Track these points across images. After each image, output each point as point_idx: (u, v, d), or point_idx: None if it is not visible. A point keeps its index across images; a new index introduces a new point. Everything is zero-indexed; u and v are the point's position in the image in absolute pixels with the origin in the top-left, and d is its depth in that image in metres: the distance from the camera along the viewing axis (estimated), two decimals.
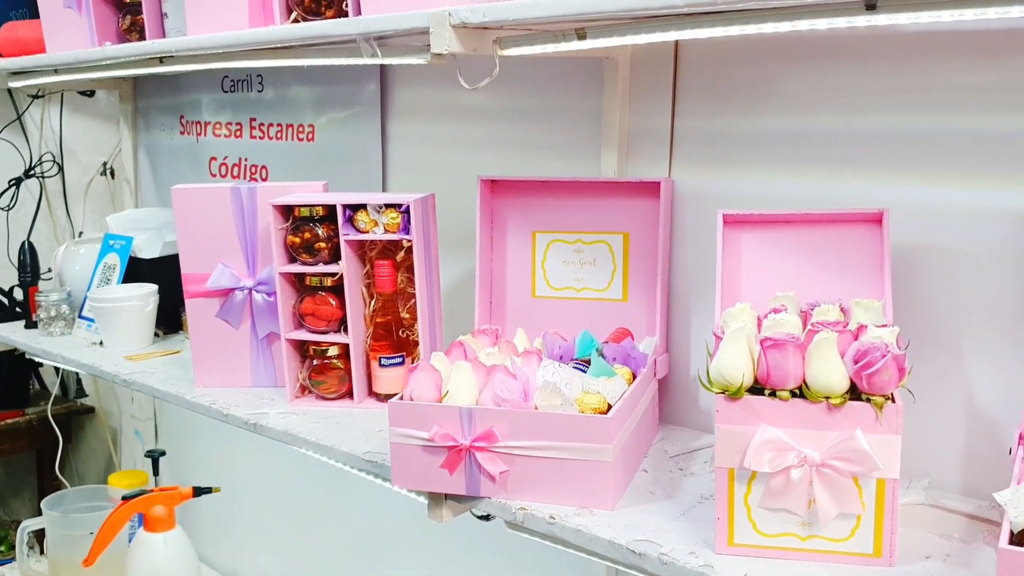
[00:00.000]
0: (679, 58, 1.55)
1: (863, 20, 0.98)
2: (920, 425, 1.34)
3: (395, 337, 1.69)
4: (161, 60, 1.85)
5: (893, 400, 1.07)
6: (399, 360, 1.67)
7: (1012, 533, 0.93)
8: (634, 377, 1.44)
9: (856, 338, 1.12)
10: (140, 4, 1.91)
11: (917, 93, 1.31)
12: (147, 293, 2.16)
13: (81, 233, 2.80)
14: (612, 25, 1.20)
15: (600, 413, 1.29)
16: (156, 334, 2.22)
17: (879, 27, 1.31)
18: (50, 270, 2.47)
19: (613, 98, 1.61)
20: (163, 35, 1.91)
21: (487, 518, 1.38)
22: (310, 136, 2.20)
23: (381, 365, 1.68)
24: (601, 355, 1.48)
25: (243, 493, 2.60)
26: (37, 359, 2.34)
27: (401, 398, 1.34)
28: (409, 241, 1.62)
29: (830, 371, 1.07)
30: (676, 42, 1.54)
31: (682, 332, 1.62)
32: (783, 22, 1.03)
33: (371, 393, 1.72)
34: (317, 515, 2.44)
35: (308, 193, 1.74)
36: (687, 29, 1.11)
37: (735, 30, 1.08)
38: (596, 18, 1.15)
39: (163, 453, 2.35)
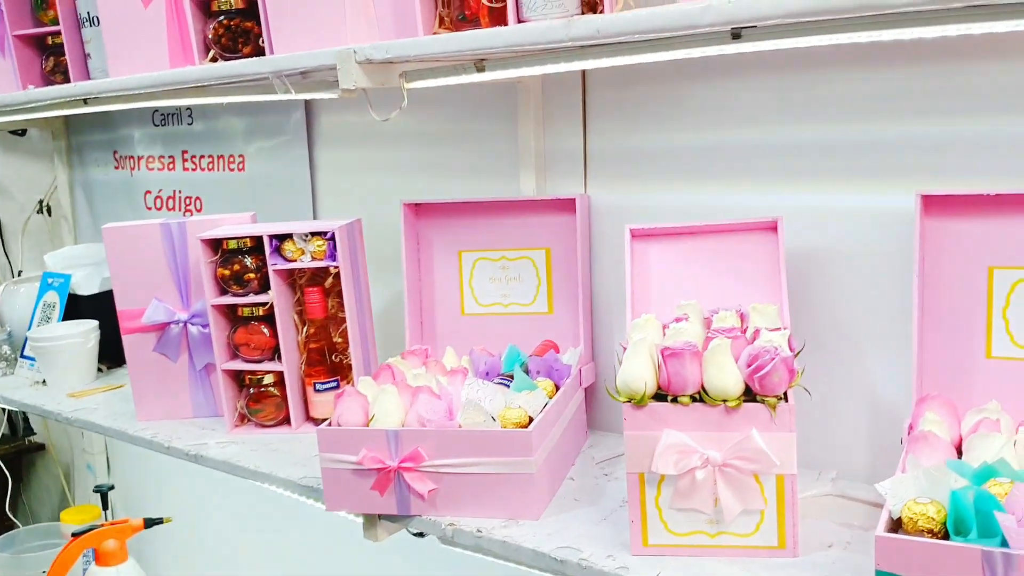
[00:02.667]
0: (587, 81, 1.61)
1: (731, 48, 1.04)
2: (826, 419, 1.42)
3: (329, 362, 1.73)
4: (85, 101, 1.88)
5: (787, 400, 1.14)
6: (334, 384, 1.72)
7: (891, 520, 0.99)
8: (557, 388, 1.49)
9: (751, 343, 1.18)
10: (63, 46, 1.93)
11: (806, 105, 1.38)
12: (87, 330, 2.18)
13: (20, 272, 2.80)
14: (507, 58, 1.25)
15: (522, 427, 1.35)
16: (100, 369, 2.24)
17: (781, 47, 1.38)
18: None
19: (528, 121, 1.66)
20: (87, 76, 1.94)
21: (421, 535, 1.43)
22: (241, 166, 2.24)
23: (316, 390, 1.72)
24: (524, 369, 1.53)
25: (198, 521, 2.62)
26: None
27: (329, 424, 1.38)
28: (337, 267, 1.67)
29: (725, 376, 1.13)
30: None
31: (606, 341, 1.68)
32: (659, 52, 1.09)
33: (309, 418, 1.76)
34: (272, 539, 2.47)
35: (236, 225, 1.78)
36: (575, 61, 1.18)
37: (618, 60, 1.14)
38: (490, 53, 1.20)
39: (112, 487, 2.37)
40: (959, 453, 1.13)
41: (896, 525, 0.99)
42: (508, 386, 1.46)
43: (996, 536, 0.91)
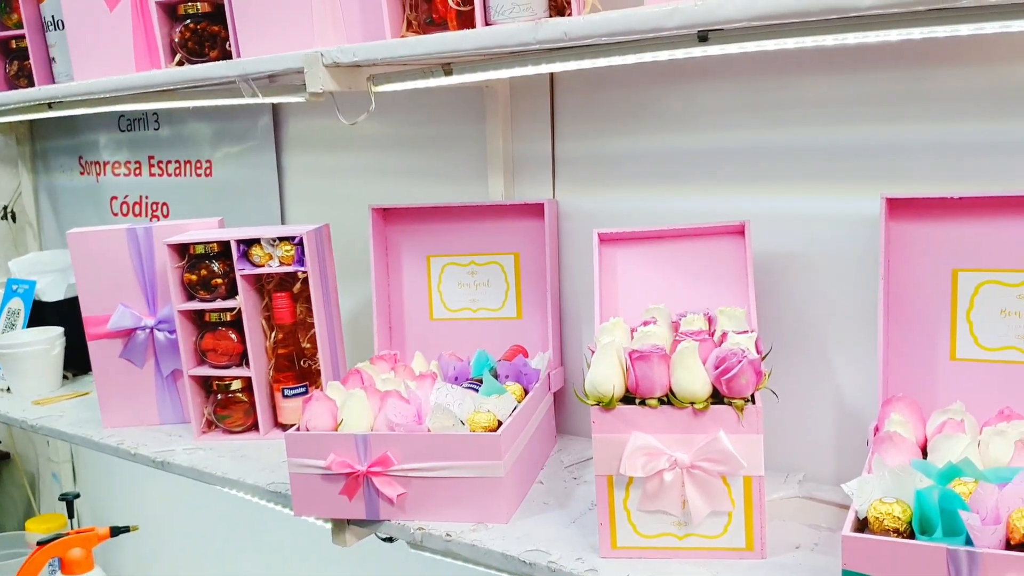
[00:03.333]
0: (555, 85, 1.61)
1: (699, 51, 1.04)
2: (793, 422, 1.43)
3: (298, 368, 1.72)
4: (50, 105, 1.86)
5: (754, 402, 1.14)
6: (302, 390, 1.70)
7: (858, 520, 1.00)
8: (526, 393, 1.49)
9: (719, 345, 1.19)
10: (27, 50, 1.91)
11: (772, 109, 1.39)
12: (53, 336, 2.15)
13: None
14: (475, 61, 1.25)
15: (490, 431, 1.34)
16: (65, 376, 2.22)
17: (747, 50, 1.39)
18: None
19: (496, 125, 1.66)
20: (52, 80, 1.92)
21: (391, 540, 1.42)
22: (208, 171, 2.22)
23: (285, 396, 1.71)
24: (493, 374, 1.53)
25: (166, 529, 2.60)
26: None
27: (297, 429, 1.37)
28: (304, 272, 1.66)
29: (693, 378, 1.13)
30: None
31: (575, 345, 1.68)
32: (627, 55, 1.10)
33: (277, 424, 1.74)
34: (241, 547, 2.45)
35: (203, 230, 1.76)
36: (542, 64, 1.18)
37: (586, 63, 1.15)
38: (458, 56, 1.20)
39: (77, 495, 2.34)
40: (924, 454, 1.14)
41: (862, 525, 1.00)
42: (477, 390, 1.46)
43: (961, 535, 0.92)
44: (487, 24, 1.18)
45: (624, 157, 1.56)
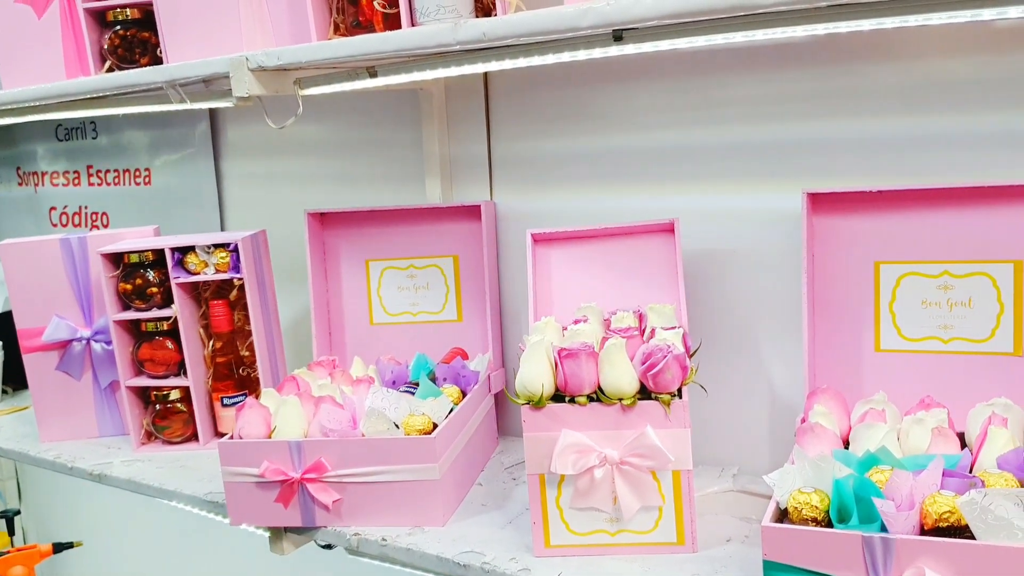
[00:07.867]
0: (489, 87, 1.62)
1: (615, 50, 1.05)
2: (727, 417, 1.44)
3: (237, 376, 1.71)
4: None
5: (680, 396, 1.15)
6: (242, 398, 1.69)
7: (779, 510, 1.01)
8: (464, 395, 1.49)
9: (647, 342, 1.19)
10: None
11: (699, 109, 1.41)
12: None
13: None
14: (400, 62, 1.25)
15: (426, 433, 1.34)
16: (4, 391, 2.18)
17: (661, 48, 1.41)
18: None
19: (432, 127, 1.66)
20: None
21: (329, 547, 1.41)
22: (147, 180, 2.20)
23: (224, 405, 1.69)
24: (431, 377, 1.53)
25: (112, 544, 2.56)
26: None
27: (231, 437, 1.36)
28: (241, 279, 1.65)
29: (620, 375, 1.14)
30: (484, 72, 1.61)
31: (515, 346, 1.69)
32: (546, 55, 1.11)
33: (217, 434, 1.73)
34: (186, 559, 2.42)
35: (137, 239, 1.74)
36: (465, 65, 1.18)
37: (507, 64, 1.15)
38: (382, 57, 1.20)
39: (17, 512, 2.30)
40: (848, 444, 1.15)
41: (783, 515, 1.01)
42: (414, 394, 1.45)
43: (876, 522, 0.93)
44: (413, 26, 1.18)
45: (559, 158, 1.56)
